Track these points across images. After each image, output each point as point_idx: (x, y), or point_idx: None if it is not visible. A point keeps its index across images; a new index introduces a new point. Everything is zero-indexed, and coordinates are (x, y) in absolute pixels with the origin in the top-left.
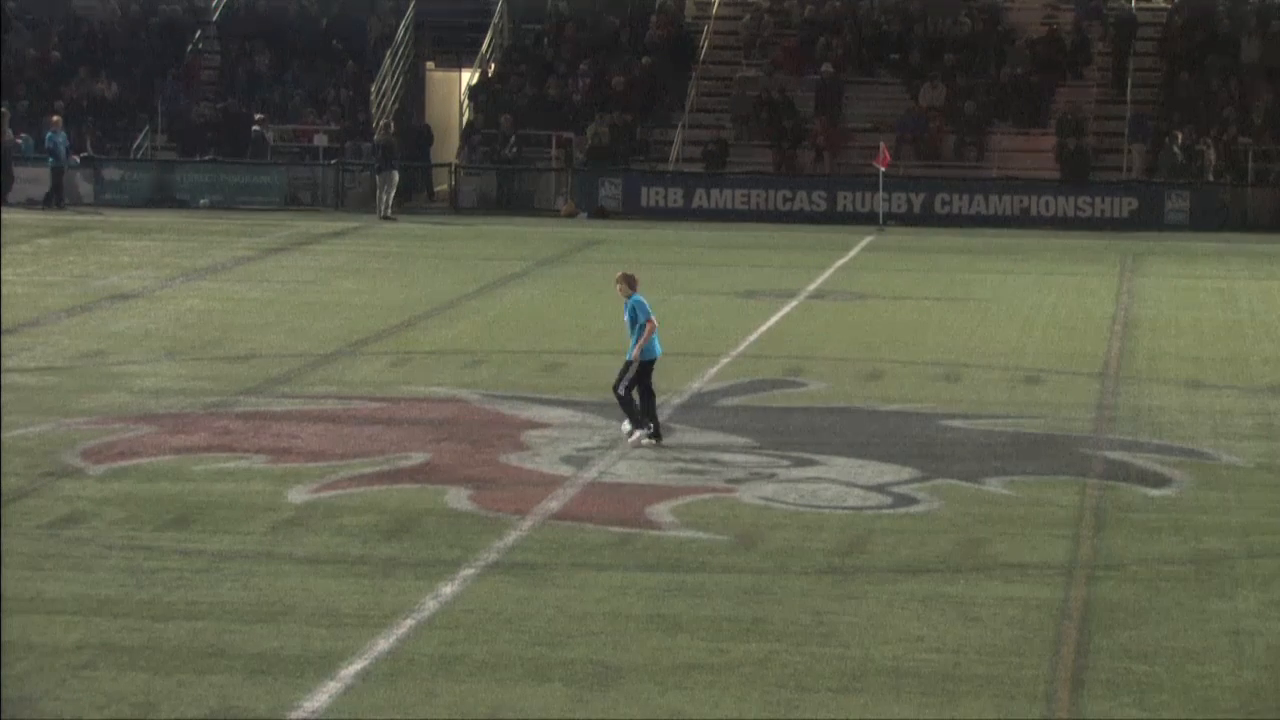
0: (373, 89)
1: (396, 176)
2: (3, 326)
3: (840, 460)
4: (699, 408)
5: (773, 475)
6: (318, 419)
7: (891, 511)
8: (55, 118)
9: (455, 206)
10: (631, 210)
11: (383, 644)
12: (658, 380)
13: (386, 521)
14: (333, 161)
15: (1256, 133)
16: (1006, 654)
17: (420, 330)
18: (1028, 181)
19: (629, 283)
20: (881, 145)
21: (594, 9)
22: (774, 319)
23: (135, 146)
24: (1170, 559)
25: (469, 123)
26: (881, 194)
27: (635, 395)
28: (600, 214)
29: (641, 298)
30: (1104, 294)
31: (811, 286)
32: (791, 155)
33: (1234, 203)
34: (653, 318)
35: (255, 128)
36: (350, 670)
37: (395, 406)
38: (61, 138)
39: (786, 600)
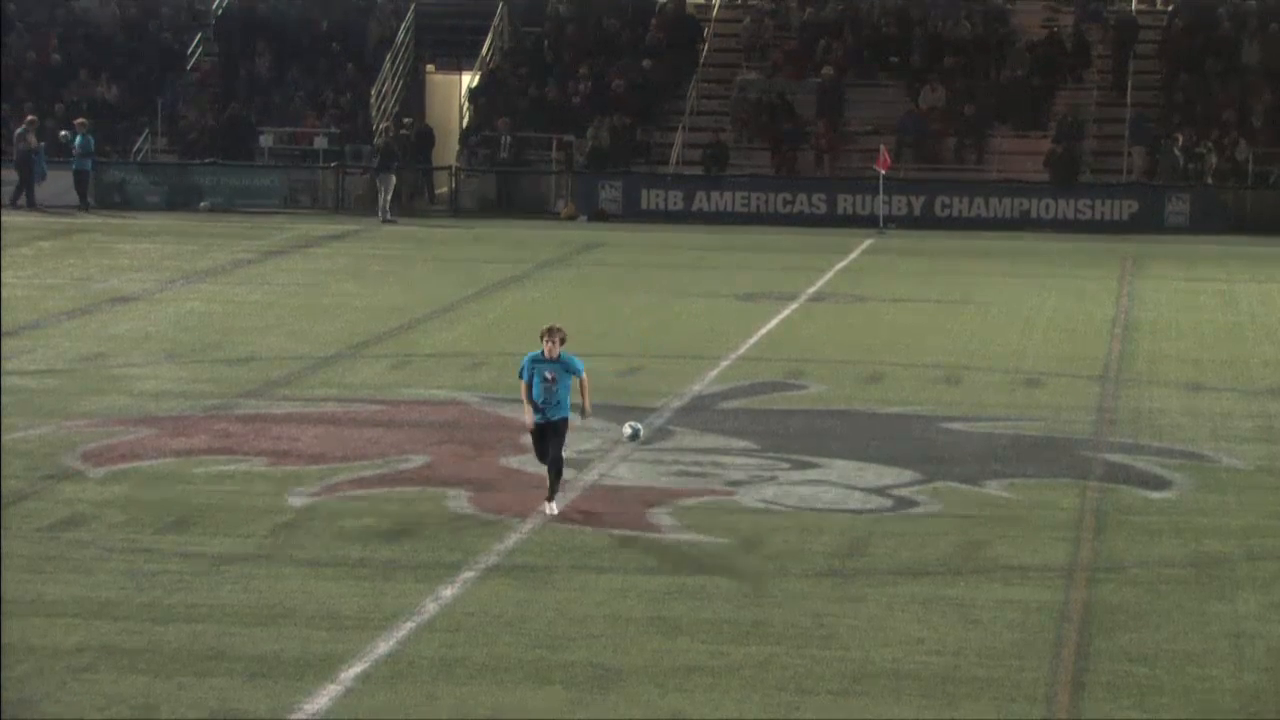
0: (373, 91)
1: (394, 180)
2: (3, 329)
3: (840, 463)
4: (699, 410)
5: (773, 478)
6: (318, 421)
7: (892, 514)
8: (79, 120)
9: (455, 209)
10: (631, 213)
11: (383, 646)
12: (658, 382)
13: (387, 524)
14: (333, 164)
15: (1256, 135)
16: (1007, 656)
17: (420, 333)
18: (1028, 184)
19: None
20: (882, 148)
21: (594, 11)
22: (774, 321)
23: (135, 149)
24: (1170, 561)
25: (468, 125)
26: (882, 196)
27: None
28: (600, 216)
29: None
30: (1104, 297)
31: (812, 289)
32: (792, 158)
33: (1234, 205)
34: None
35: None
36: (350, 673)
37: (395, 409)
38: (78, 139)
39: (787, 603)
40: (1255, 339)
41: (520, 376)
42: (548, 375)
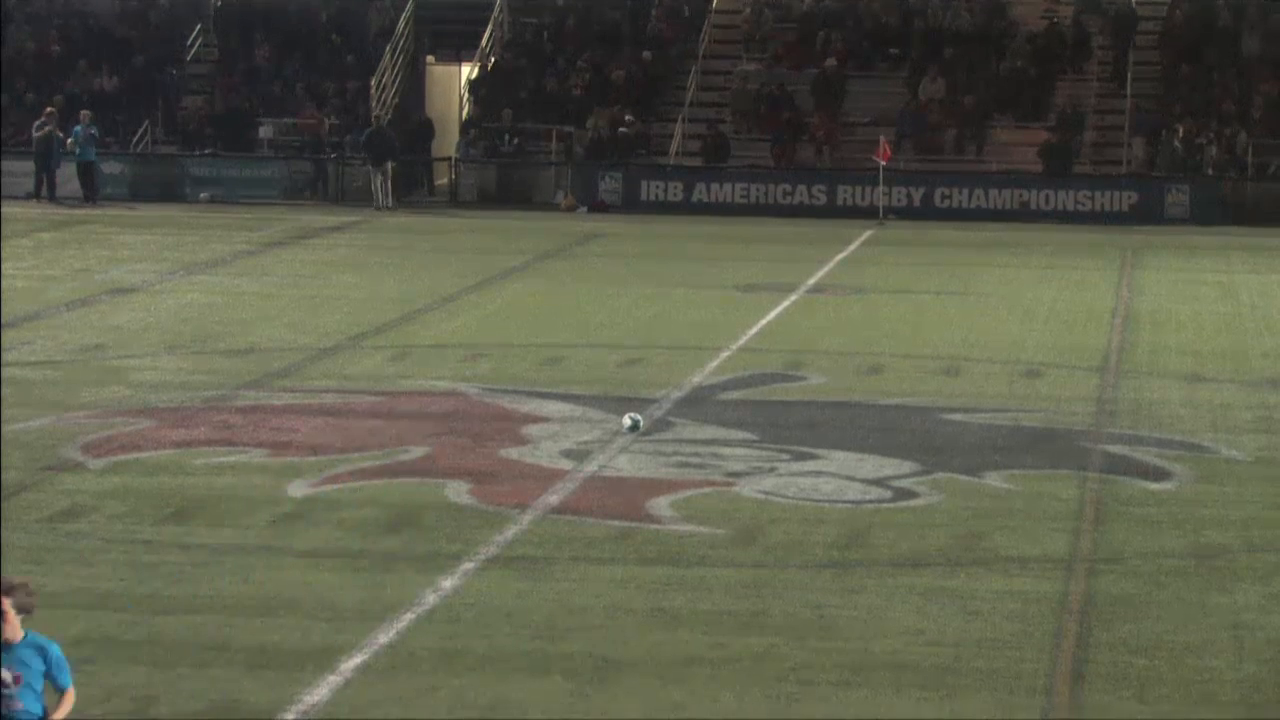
0: (373, 82)
1: (390, 167)
2: (3, 320)
3: (840, 454)
4: (699, 402)
5: (772, 469)
6: (318, 413)
7: (891, 505)
8: (84, 111)
9: (455, 200)
10: (631, 204)
11: (383, 638)
12: (658, 373)
13: (386, 515)
14: (332, 155)
15: (1256, 126)
16: (1006, 648)
17: (420, 324)
18: (1028, 175)
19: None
20: (881, 139)
21: (594, 2)
22: (774, 313)
23: (135, 140)
24: (1170, 553)
25: (468, 116)
26: (881, 188)
27: None
28: (600, 208)
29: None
30: (1104, 288)
31: (811, 280)
32: (791, 149)
33: (1234, 196)
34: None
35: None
36: (350, 664)
37: (395, 400)
38: (79, 130)
39: (786, 594)
40: (1255, 330)
41: None
42: (4, 675)
